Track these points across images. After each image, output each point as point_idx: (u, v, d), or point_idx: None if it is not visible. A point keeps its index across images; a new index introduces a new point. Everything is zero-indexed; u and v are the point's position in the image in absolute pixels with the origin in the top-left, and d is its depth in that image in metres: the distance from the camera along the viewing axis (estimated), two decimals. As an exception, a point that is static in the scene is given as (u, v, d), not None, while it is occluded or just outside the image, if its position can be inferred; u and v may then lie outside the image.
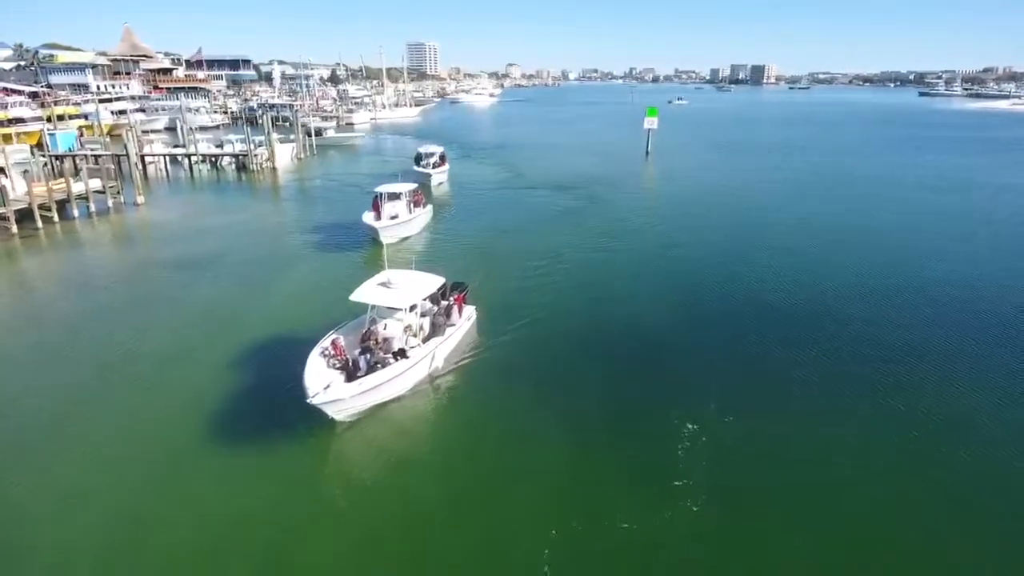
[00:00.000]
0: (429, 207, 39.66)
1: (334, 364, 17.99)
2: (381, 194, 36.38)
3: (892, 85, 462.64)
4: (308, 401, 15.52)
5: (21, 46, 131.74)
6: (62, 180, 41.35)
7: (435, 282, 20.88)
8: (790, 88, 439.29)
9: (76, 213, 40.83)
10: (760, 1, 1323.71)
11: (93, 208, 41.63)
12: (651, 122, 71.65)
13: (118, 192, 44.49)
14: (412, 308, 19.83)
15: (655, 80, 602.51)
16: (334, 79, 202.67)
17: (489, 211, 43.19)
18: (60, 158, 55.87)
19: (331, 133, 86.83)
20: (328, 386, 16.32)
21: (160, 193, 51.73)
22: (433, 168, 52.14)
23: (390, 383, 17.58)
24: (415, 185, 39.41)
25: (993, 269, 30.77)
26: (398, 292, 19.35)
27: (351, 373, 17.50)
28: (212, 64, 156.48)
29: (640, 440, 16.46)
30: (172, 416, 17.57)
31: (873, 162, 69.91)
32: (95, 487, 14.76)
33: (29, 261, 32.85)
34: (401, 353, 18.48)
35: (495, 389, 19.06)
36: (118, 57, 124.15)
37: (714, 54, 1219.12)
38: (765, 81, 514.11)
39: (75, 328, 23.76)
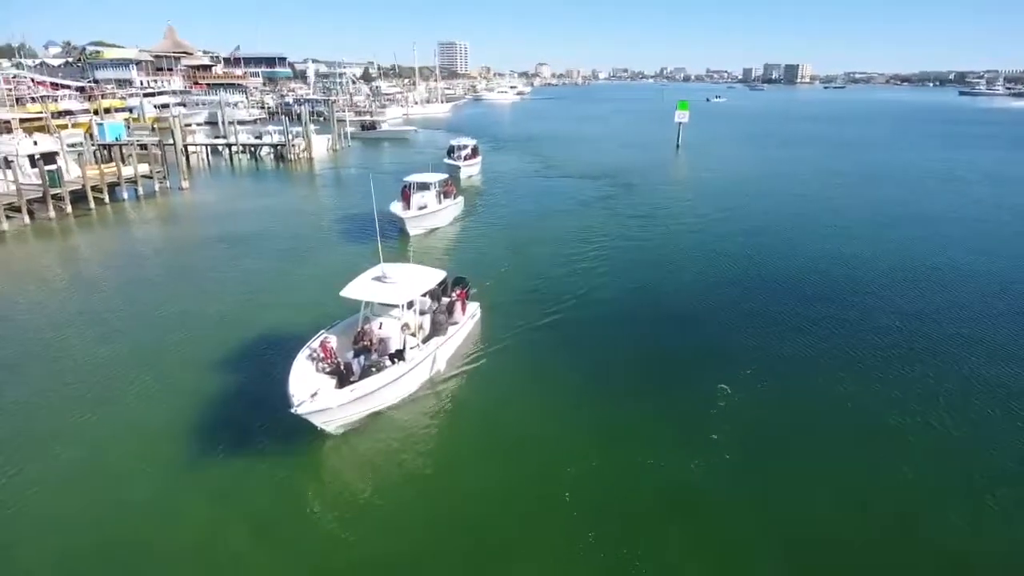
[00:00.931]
0: (460, 199, 38.81)
1: (323, 368, 16.26)
2: (410, 184, 35.59)
3: (931, 85, 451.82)
4: (292, 411, 13.72)
5: (69, 43, 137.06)
6: (113, 164, 43.43)
7: (435, 276, 19.19)
8: (825, 87, 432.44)
9: (126, 195, 42.86)
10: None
11: (141, 191, 43.70)
12: (682, 115, 71.64)
13: (164, 177, 46.43)
14: (410, 305, 17.81)
15: (686, 79, 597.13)
16: (366, 77, 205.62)
17: (521, 202, 43.31)
18: (108, 147, 58.33)
19: (385, 126, 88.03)
20: (315, 393, 14.42)
21: (203, 179, 53.69)
22: (464, 160, 51.32)
23: (386, 389, 15.79)
24: (445, 175, 38.72)
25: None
26: (395, 287, 17.47)
27: (343, 378, 15.75)
28: (249, 62, 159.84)
29: (674, 410, 16.69)
30: (160, 414, 16.31)
31: (903, 155, 69.35)
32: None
33: (83, 237, 34.74)
34: (398, 355, 16.61)
35: (507, 390, 17.53)
36: (160, 54, 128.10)
37: (746, 54, 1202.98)
38: (799, 80, 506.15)
39: (123, 294, 25.29)
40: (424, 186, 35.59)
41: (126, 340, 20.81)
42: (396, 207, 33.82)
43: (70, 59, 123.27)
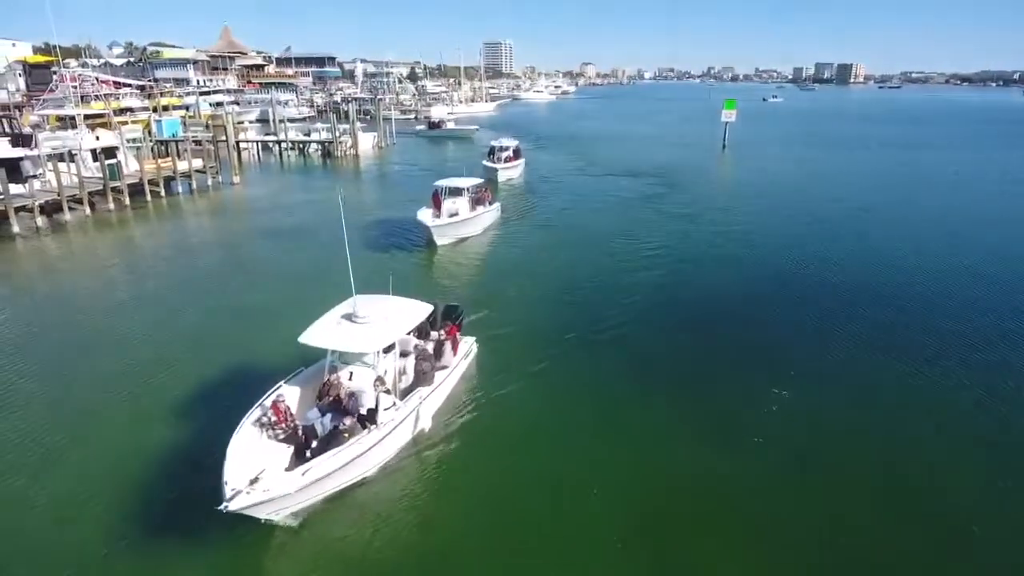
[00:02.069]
0: (496, 205, 35.60)
1: (276, 435, 12.83)
2: (442, 188, 32.88)
3: (994, 84, 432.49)
4: (222, 507, 10.24)
5: (131, 44, 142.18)
6: (169, 159, 45.12)
7: (420, 311, 15.58)
8: (880, 87, 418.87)
9: (180, 189, 44.57)
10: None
11: (195, 185, 45.30)
12: (728, 115, 70.14)
13: (217, 172, 47.94)
14: (388, 350, 14.44)
15: (734, 79, 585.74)
16: (412, 77, 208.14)
17: (561, 206, 40.68)
18: (165, 143, 60.65)
19: (450, 125, 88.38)
20: (256, 479, 10.92)
21: (253, 174, 55.36)
22: (504, 163, 48.40)
23: (353, 464, 12.28)
24: (480, 180, 35.75)
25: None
26: (366, 330, 13.94)
27: (301, 447, 12.52)
28: (300, 61, 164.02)
29: (713, 423, 16.38)
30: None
31: (965, 155, 66.67)
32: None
33: (139, 228, 36.19)
34: (370, 417, 12.91)
35: (512, 447, 14.45)
36: (216, 54, 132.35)
37: (797, 53, 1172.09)
38: (852, 80, 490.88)
39: (170, 285, 26.18)
40: (456, 191, 32.86)
41: (153, 341, 21.35)
42: (424, 214, 30.56)
43: (132, 59, 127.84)
